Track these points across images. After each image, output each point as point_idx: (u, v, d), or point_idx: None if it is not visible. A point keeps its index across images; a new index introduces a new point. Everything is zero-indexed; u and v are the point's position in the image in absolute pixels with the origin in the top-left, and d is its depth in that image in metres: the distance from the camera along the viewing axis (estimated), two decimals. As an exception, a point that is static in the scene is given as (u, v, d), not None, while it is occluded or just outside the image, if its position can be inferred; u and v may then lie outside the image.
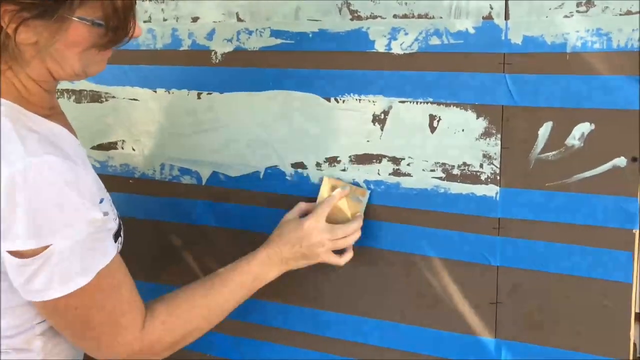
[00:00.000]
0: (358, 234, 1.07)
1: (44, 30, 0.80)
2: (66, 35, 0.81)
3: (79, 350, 0.99)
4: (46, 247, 0.80)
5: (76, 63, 0.86)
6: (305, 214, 1.08)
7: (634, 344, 1.93)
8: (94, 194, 0.85)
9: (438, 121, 1.05)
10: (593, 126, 0.96)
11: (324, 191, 1.10)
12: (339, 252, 1.07)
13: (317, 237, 1.03)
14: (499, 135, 1.01)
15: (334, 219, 1.07)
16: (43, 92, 0.89)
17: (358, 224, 1.07)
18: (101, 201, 0.86)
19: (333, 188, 1.10)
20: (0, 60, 0.83)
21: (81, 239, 0.82)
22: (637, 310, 1.96)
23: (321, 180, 1.12)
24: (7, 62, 0.84)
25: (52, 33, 0.81)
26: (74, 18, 0.80)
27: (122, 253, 0.92)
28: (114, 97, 1.30)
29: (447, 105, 1.03)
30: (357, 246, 1.11)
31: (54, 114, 0.93)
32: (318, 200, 1.10)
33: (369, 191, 1.09)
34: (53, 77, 0.88)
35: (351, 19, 1.08)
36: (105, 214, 0.86)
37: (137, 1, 0.86)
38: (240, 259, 1.03)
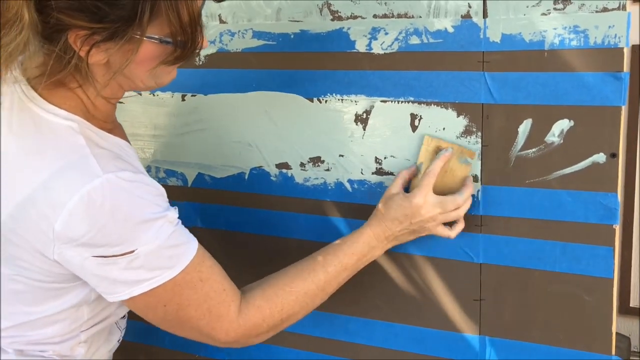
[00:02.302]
0: (469, 203, 1.00)
1: (115, 51, 0.81)
2: (136, 54, 0.82)
3: (111, 355, 1.03)
4: (132, 251, 0.82)
5: (147, 78, 0.87)
6: (408, 183, 1.03)
7: (627, 338, 1.93)
8: (164, 196, 0.88)
9: (419, 120, 1.05)
10: (572, 123, 0.96)
11: (424, 152, 1.03)
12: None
13: (428, 213, 0.98)
14: (479, 133, 1.01)
15: (440, 184, 1.01)
16: (109, 107, 0.91)
17: (469, 191, 1.00)
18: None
19: (436, 149, 1.03)
20: (70, 79, 0.85)
21: (164, 240, 0.84)
22: (636, 305, 1.96)
23: (302, 182, 1.12)
24: (78, 81, 0.85)
25: (123, 53, 0.82)
26: (143, 37, 0.80)
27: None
28: (99, 100, 1.30)
29: (428, 104, 1.04)
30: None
31: (115, 128, 0.95)
32: (418, 161, 1.03)
33: (477, 152, 1.02)
34: (123, 89, 0.90)
35: (332, 20, 1.08)
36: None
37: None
38: (343, 240, 0.99)
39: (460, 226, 1.02)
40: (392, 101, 1.06)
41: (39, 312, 0.88)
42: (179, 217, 0.89)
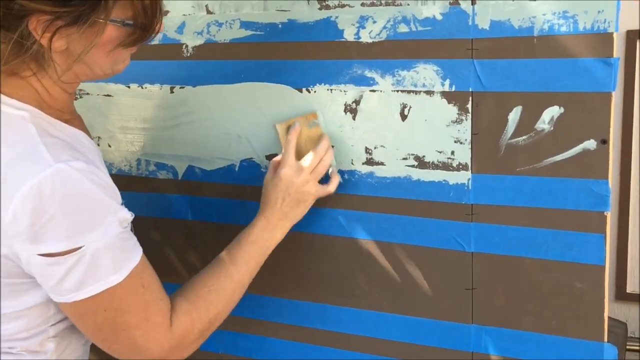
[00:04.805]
0: (331, 153, 1.07)
1: (77, 37, 0.79)
2: (98, 39, 0.80)
3: (86, 351, 1.00)
4: (78, 248, 0.80)
5: (105, 64, 0.86)
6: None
7: (624, 323, 1.93)
8: (117, 195, 0.86)
9: (409, 109, 1.04)
10: (562, 109, 0.96)
11: (282, 138, 1.09)
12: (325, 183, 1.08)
13: (298, 178, 1.02)
14: (469, 122, 1.00)
15: (306, 153, 1.06)
16: (66, 97, 0.89)
17: (325, 142, 1.06)
18: (122, 203, 0.87)
19: (288, 130, 1.09)
20: (24, 67, 0.83)
21: (112, 239, 0.82)
22: (632, 290, 1.95)
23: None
24: (32, 69, 0.83)
25: (85, 38, 0.80)
26: (107, 21, 0.79)
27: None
28: (88, 93, 1.29)
29: (417, 93, 1.03)
30: (333, 236, 1.11)
31: (73, 119, 0.93)
32: (282, 150, 1.08)
33: (318, 110, 1.09)
34: (79, 79, 0.88)
35: (319, 8, 1.07)
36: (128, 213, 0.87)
37: None
38: (241, 232, 1.02)
39: (335, 180, 1.08)
40: (381, 90, 1.05)
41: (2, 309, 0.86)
42: (131, 223, 0.87)
